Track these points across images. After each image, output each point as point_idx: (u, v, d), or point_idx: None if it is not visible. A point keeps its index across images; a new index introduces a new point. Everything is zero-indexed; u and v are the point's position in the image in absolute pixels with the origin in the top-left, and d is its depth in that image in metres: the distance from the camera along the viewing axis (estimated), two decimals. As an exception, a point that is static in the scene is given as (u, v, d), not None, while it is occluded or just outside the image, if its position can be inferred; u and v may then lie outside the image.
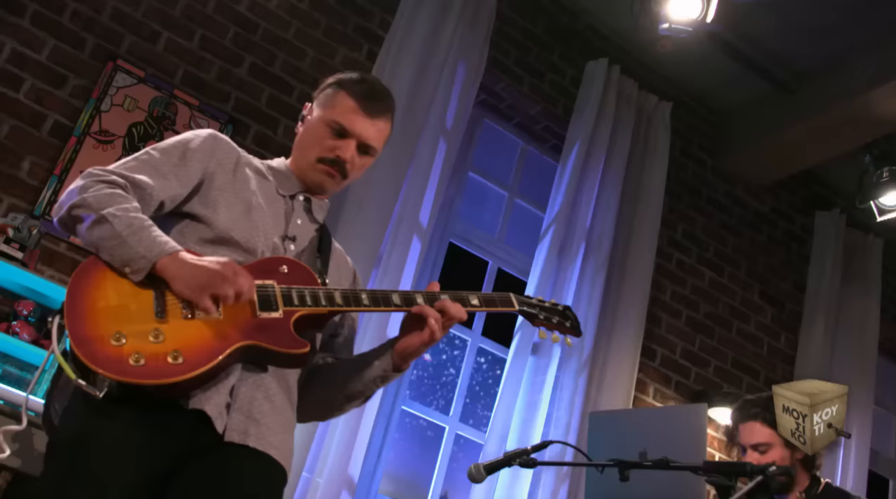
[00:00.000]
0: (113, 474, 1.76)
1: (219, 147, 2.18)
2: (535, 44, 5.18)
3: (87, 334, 1.76)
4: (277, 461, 1.97)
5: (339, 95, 2.27)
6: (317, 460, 3.78)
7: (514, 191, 5.27)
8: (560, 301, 4.45)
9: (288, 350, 1.92)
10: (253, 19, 4.32)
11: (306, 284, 2.04)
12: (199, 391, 1.85)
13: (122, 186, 1.96)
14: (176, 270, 1.85)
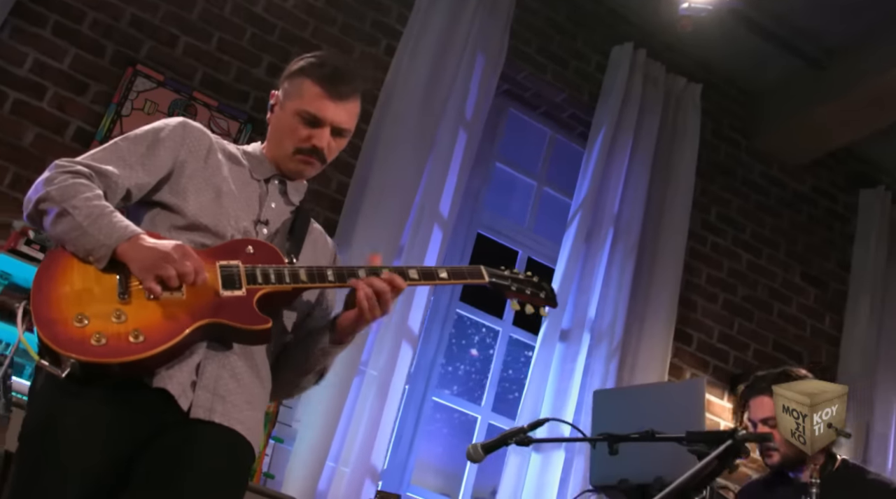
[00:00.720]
0: (78, 454, 1.82)
1: (189, 135, 2.22)
2: (558, 31, 5.16)
3: (51, 317, 1.82)
4: (243, 437, 2.00)
5: (304, 83, 2.25)
6: (341, 450, 3.81)
7: (543, 179, 5.25)
8: (589, 288, 4.48)
9: (249, 326, 1.96)
10: (270, 19, 4.39)
11: (272, 263, 2.08)
12: (163, 370, 1.89)
13: (87, 175, 2.01)
14: (133, 253, 1.90)
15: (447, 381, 5.21)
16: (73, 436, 1.83)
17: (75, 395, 1.85)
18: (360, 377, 3.93)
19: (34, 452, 1.84)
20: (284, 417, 3.79)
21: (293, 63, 2.36)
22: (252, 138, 4.03)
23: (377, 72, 4.51)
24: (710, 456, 1.89)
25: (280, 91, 2.32)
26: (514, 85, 5.11)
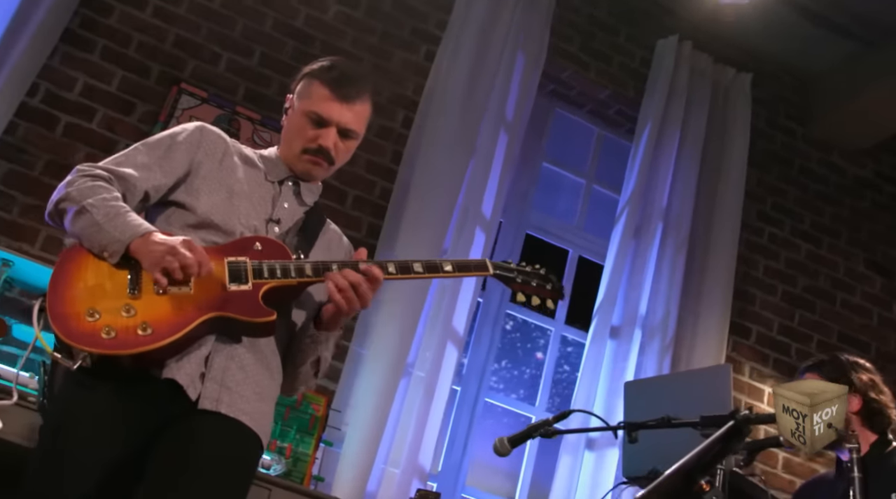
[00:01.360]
0: (91, 447, 1.91)
1: (206, 138, 2.31)
2: (600, 28, 5.14)
3: (64, 312, 1.92)
4: (249, 427, 2.06)
5: (312, 85, 2.33)
6: (390, 451, 3.86)
7: (591, 177, 5.23)
8: (639, 284, 4.45)
9: (253, 319, 2.03)
10: (309, 32, 4.48)
11: (280, 259, 2.15)
12: (172, 361, 1.98)
13: (106, 178, 2.12)
14: (144, 249, 1.99)
15: (500, 382, 5.22)
16: (86, 431, 1.92)
17: (89, 388, 1.95)
18: (407, 379, 3.98)
19: (52, 444, 1.94)
20: (334, 420, 3.85)
21: (305, 67, 2.44)
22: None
23: (417, 78, 4.58)
24: (711, 437, 1.87)
25: (294, 94, 2.41)
26: (558, 84, 5.11)
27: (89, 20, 4.09)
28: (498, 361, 4.82)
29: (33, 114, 3.88)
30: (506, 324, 4.79)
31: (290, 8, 4.48)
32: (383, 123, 4.48)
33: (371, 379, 3.90)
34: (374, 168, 4.41)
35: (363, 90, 2.36)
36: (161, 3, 4.24)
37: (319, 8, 4.54)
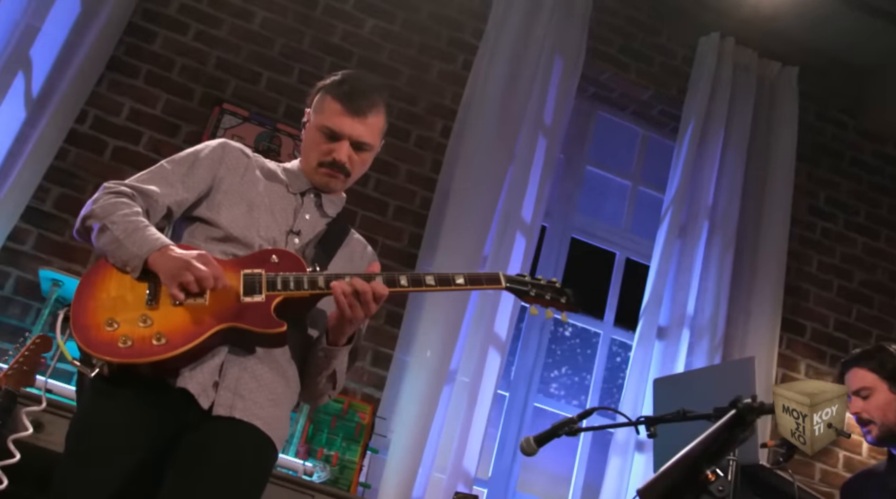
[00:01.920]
0: (111, 451, 1.99)
1: (228, 154, 2.39)
2: (640, 29, 5.12)
3: (85, 322, 2.01)
4: (262, 431, 2.11)
5: (325, 100, 2.38)
6: (435, 457, 3.89)
7: (637, 179, 5.21)
8: (686, 284, 4.42)
9: (264, 330, 2.09)
10: (347, 48, 4.57)
11: (294, 271, 2.20)
12: (186, 371, 2.05)
13: (130, 194, 2.20)
14: (162, 262, 2.07)
15: (550, 386, 5.22)
16: (105, 438, 2.00)
17: (109, 396, 2.04)
18: (451, 385, 4.01)
19: (75, 449, 2.03)
20: (380, 428, 3.90)
21: (320, 82, 2.50)
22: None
23: (455, 87, 4.62)
24: (713, 427, 1.86)
25: (310, 108, 2.47)
26: (599, 87, 5.11)
27: (134, 47, 4.24)
28: (547, 366, 4.81)
29: (83, 139, 4.04)
30: (554, 328, 4.79)
31: (326, 25, 4.57)
32: (422, 133, 4.54)
33: (415, 386, 3.95)
34: (414, 178, 4.47)
35: (375, 103, 2.39)
36: (202, 27, 4.37)
37: (356, 24, 4.62)
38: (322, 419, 3.84)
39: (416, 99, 4.60)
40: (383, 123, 2.45)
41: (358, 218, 4.30)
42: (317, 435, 3.80)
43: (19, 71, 3.95)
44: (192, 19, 4.37)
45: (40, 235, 3.87)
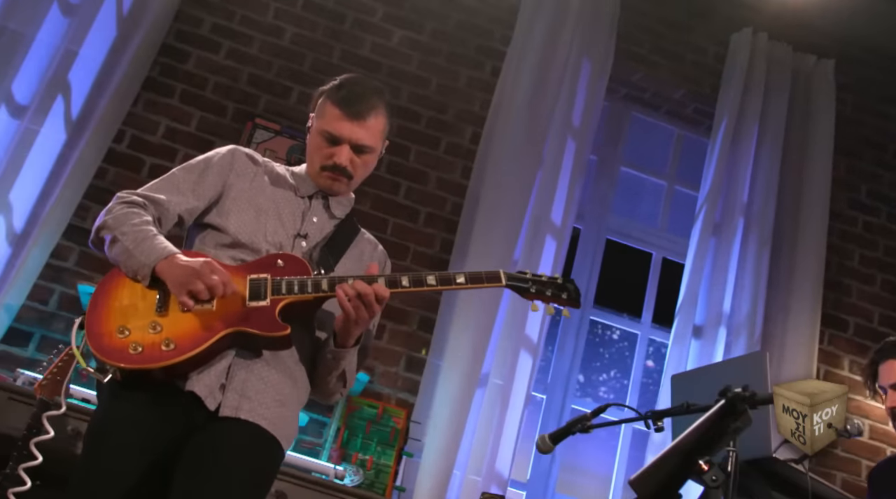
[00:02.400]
0: (123, 451, 2.08)
1: (237, 160, 2.48)
2: (670, 28, 5.11)
3: (98, 330, 2.11)
4: (266, 430, 2.18)
5: (325, 105, 2.45)
6: (468, 459, 3.93)
7: (673, 178, 5.19)
8: (721, 282, 4.39)
9: (268, 333, 2.16)
10: (376, 59, 4.65)
11: (299, 275, 2.26)
12: (194, 374, 2.13)
13: (141, 204, 2.29)
14: (169, 271, 2.15)
15: (589, 388, 5.21)
16: (118, 439, 2.09)
17: (123, 399, 2.13)
18: (483, 388, 4.04)
19: (91, 449, 2.12)
20: (415, 432, 3.95)
21: (321, 87, 2.56)
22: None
23: (484, 94, 4.67)
24: (703, 417, 1.87)
25: (313, 113, 2.54)
26: (631, 88, 5.10)
27: (168, 67, 4.37)
28: (587, 368, 4.81)
29: (121, 158, 4.18)
30: (590, 330, 4.79)
31: (355, 38, 4.66)
32: (452, 140, 4.60)
33: (447, 389, 3.99)
34: (444, 185, 4.52)
35: (374, 106, 2.44)
36: (234, 45, 4.49)
37: (384, 36, 4.70)
38: (357, 425, 3.91)
39: (446, 107, 4.66)
40: (384, 125, 2.49)
41: (390, 226, 4.37)
42: (352, 440, 3.86)
43: (59, 94, 4.11)
44: (223, 38, 4.50)
45: (82, 252, 4.01)
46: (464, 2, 4.85)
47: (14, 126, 4.04)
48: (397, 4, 4.77)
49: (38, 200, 3.96)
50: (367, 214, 4.34)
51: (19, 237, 3.90)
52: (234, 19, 4.55)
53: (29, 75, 4.12)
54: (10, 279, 3.82)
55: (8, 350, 3.82)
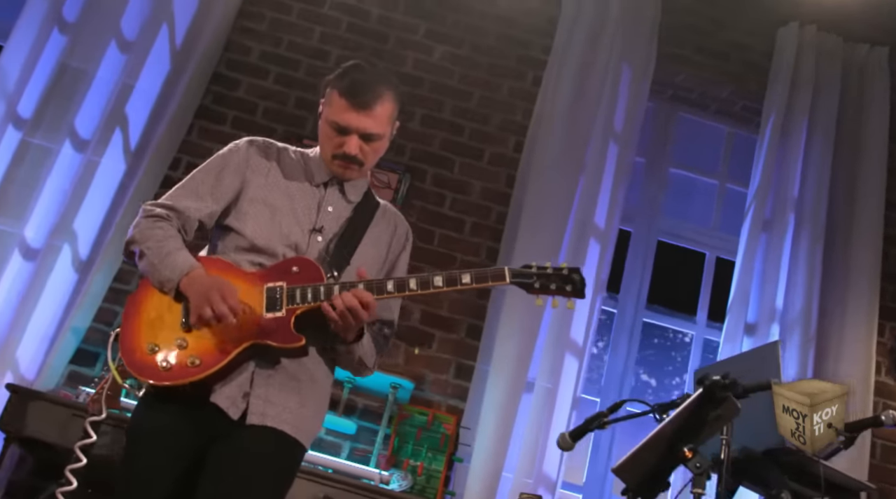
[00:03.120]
0: (154, 458, 2.23)
1: (252, 156, 2.54)
2: (714, 26, 5.09)
3: (130, 346, 2.26)
4: (289, 435, 2.30)
5: (332, 95, 2.47)
6: (517, 462, 3.99)
7: (725, 177, 5.16)
8: (773, 278, 4.35)
9: (284, 345, 2.29)
10: (418, 75, 4.77)
11: (313, 281, 2.35)
12: (218, 386, 2.26)
13: (165, 216, 2.40)
14: (189, 289, 2.27)
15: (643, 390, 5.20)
16: (149, 445, 2.24)
17: (155, 409, 2.28)
18: (530, 393, 4.10)
19: (128, 452, 2.28)
20: (465, 438, 4.03)
21: (329, 76, 2.56)
22: (411, 187, 4.43)
23: (526, 103, 4.74)
24: (683, 405, 1.90)
25: (323, 99, 2.55)
26: (677, 89, 5.10)
27: (220, 95, 4.58)
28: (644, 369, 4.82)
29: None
30: (644, 331, 4.80)
31: (398, 56, 4.79)
32: (495, 151, 4.68)
33: (494, 395, 4.06)
34: (489, 194, 4.60)
35: (379, 93, 2.44)
36: (282, 70, 4.68)
37: (426, 52, 4.82)
38: (407, 432, 4.01)
39: (488, 118, 4.75)
40: (391, 110, 2.50)
41: (436, 237, 4.47)
42: (403, 447, 3.96)
43: (117, 127, 4.35)
44: (271, 64, 4.69)
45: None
46: (503, 14, 4.94)
47: (78, 159, 4.29)
48: (439, 21, 4.89)
49: (101, 228, 4.20)
50: (414, 225, 4.38)
51: (84, 264, 4.14)
52: (281, 45, 4.74)
53: (90, 110, 4.37)
54: (77, 303, 4.07)
55: (77, 370, 4.06)
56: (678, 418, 1.90)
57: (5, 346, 3.96)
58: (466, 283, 2.37)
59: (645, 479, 1.91)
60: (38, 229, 4.15)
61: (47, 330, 4.02)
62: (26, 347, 3.97)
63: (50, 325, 4.02)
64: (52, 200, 4.19)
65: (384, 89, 2.46)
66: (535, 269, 2.43)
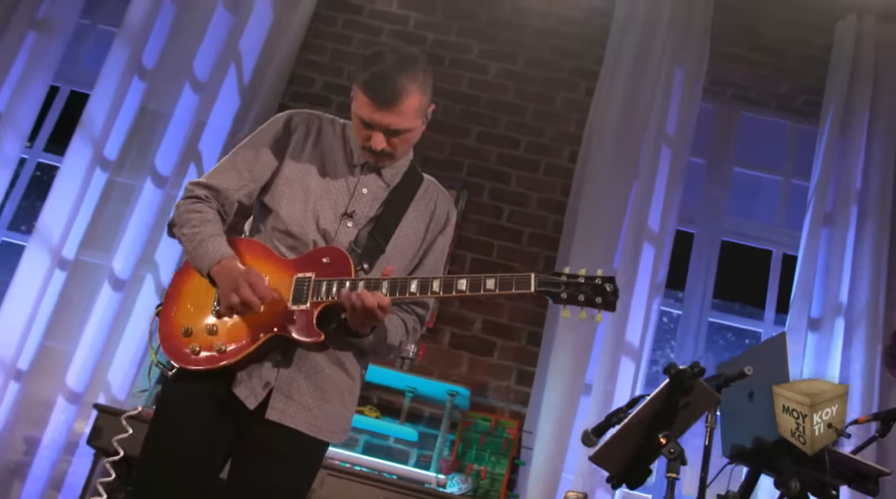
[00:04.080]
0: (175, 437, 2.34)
1: (292, 131, 2.53)
2: (768, 23, 5.08)
3: (167, 332, 2.39)
4: (308, 436, 2.38)
5: (357, 90, 2.38)
6: (576, 465, 4.09)
7: (789, 173, 5.13)
8: (837, 272, 4.32)
9: (304, 339, 2.34)
10: (473, 93, 4.94)
11: (341, 274, 2.35)
12: (243, 374, 2.35)
13: (204, 197, 2.46)
14: (220, 278, 2.34)
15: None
16: (173, 425, 2.36)
17: (184, 391, 2.37)
18: (587, 396, 4.20)
19: (152, 428, 2.40)
20: (527, 441, 4.16)
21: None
22: (469, 202, 4.60)
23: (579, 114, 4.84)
24: (653, 394, 1.98)
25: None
26: (736, 88, 5.11)
27: (286, 126, 4.85)
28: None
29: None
30: (712, 331, 4.82)
31: (453, 76, 4.98)
32: (551, 162, 4.80)
33: (552, 399, 4.17)
34: (545, 204, 4.72)
35: (402, 88, 2.34)
36: (343, 99, 4.92)
37: (480, 71, 5.00)
38: (471, 438, 4.17)
39: (543, 131, 4.88)
40: (418, 103, 2.38)
41: (495, 249, 4.63)
42: (467, 452, 4.13)
43: (192, 162, 4.68)
44: (333, 94, 4.94)
45: (220, 298, 4.52)
46: (555, 28, 5.06)
47: (159, 195, 4.64)
48: (491, 40, 5.06)
49: (180, 258, 4.51)
50: (473, 239, 4.63)
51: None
52: (342, 75, 4.99)
53: (168, 148, 4.72)
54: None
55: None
56: (649, 407, 1.98)
57: (98, 370, 4.32)
58: (490, 288, 2.27)
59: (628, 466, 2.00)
60: (125, 261, 4.51)
61: (135, 354, 4.36)
62: (116, 370, 4.32)
63: (137, 349, 4.36)
64: (137, 234, 4.53)
65: (407, 82, 2.34)
66: (564, 277, 2.26)
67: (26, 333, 4.30)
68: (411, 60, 2.40)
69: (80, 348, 4.32)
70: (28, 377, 4.30)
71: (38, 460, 4.17)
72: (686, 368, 1.99)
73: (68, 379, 4.28)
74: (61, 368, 4.30)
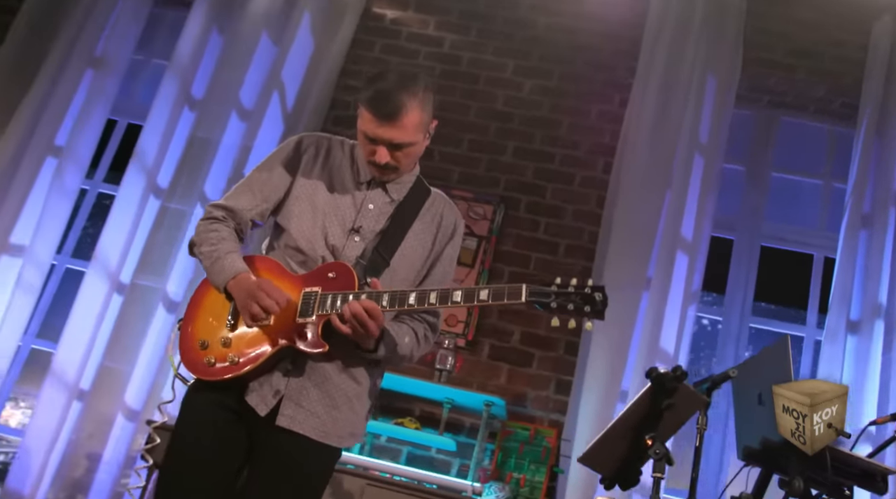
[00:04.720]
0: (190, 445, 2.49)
1: (304, 153, 2.67)
2: (802, 27, 5.08)
3: (186, 345, 2.55)
4: (317, 441, 2.50)
5: (362, 108, 2.52)
6: (613, 472, 4.14)
7: (829, 176, 5.12)
8: (876, 274, 4.33)
9: (311, 350, 2.48)
10: (508, 111, 5.06)
11: (346, 288, 2.47)
12: (255, 384, 2.49)
13: (221, 218, 2.62)
14: (236, 292, 2.50)
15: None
16: (190, 433, 2.51)
17: (200, 400, 2.53)
18: (622, 403, 4.25)
19: (172, 436, 2.57)
20: (565, 450, 4.24)
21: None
22: (506, 216, 4.71)
23: (613, 125, 4.91)
24: (636, 397, 2.05)
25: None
26: (772, 94, 5.12)
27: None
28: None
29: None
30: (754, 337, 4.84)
31: (489, 94, 5.10)
32: (586, 174, 4.88)
33: (589, 408, 4.24)
34: (580, 216, 4.80)
35: (403, 103, 2.46)
36: (383, 120, 5.07)
37: (515, 88, 5.11)
38: (511, 447, 4.28)
39: (578, 144, 4.96)
40: (419, 117, 2.51)
41: (532, 261, 4.72)
42: (506, 461, 4.23)
43: (238, 187, 4.87)
44: (373, 115, 5.09)
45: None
46: (588, 42, 5.15)
47: (209, 219, 4.85)
48: (525, 57, 5.17)
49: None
50: (510, 252, 4.74)
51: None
52: (381, 97, 5.14)
53: (216, 174, 4.94)
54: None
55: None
56: (634, 409, 2.06)
57: (153, 389, 4.53)
58: (483, 299, 2.37)
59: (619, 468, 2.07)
60: (178, 284, 4.73)
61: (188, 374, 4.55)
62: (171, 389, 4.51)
63: (190, 367, 4.56)
64: (188, 258, 4.72)
65: (407, 99, 2.47)
66: (555, 287, 2.35)
67: (87, 355, 4.54)
68: (411, 78, 2.54)
69: (137, 368, 4.54)
70: (90, 397, 4.54)
71: (99, 475, 4.40)
72: (667, 371, 2.06)
73: (127, 397, 4.50)
74: (120, 387, 4.53)
